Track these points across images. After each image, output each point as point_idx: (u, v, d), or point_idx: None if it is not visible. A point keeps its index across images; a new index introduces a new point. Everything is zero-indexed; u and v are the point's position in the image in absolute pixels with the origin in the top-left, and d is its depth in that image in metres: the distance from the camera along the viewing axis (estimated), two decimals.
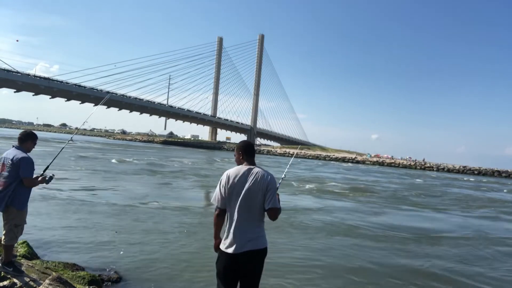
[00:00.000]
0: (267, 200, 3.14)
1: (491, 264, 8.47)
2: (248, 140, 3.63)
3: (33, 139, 4.46)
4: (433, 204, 18.76)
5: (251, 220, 3.15)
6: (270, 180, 3.18)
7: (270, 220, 3.22)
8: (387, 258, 8.12)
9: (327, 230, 10.46)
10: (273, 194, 3.15)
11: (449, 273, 7.39)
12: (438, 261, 8.16)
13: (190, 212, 11.51)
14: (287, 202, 14.33)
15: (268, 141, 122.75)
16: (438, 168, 73.41)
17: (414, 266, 7.65)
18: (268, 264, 3.25)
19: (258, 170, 3.23)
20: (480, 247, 9.91)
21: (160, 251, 7.27)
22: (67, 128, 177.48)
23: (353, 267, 7.26)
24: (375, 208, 15.59)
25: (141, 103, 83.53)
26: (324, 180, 27.79)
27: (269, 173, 3.23)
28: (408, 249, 9.08)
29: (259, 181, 3.16)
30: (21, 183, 4.19)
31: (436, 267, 7.72)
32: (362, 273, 6.94)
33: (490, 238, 11.39)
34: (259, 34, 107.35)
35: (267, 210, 3.15)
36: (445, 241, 10.40)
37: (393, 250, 8.80)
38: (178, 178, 21.27)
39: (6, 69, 61.88)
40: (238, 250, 3.10)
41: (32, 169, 4.26)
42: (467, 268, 7.91)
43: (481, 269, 7.92)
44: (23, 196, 4.23)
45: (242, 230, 3.13)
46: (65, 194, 12.33)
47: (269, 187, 3.15)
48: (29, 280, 4.15)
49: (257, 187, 3.14)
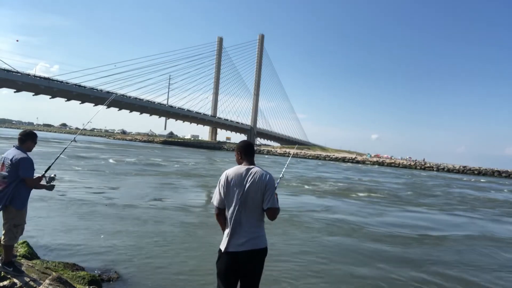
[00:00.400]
0: (265, 200, 3.14)
1: (498, 266, 8.33)
2: (248, 140, 3.62)
3: (33, 138, 4.46)
4: (437, 204, 18.74)
5: (250, 220, 3.15)
6: (269, 180, 3.17)
7: (269, 220, 3.22)
8: (391, 259, 8.06)
9: (329, 230, 10.44)
10: (272, 194, 3.15)
11: (454, 275, 7.30)
12: (442, 263, 8.08)
13: (190, 212, 11.50)
14: (288, 202, 14.33)
15: (268, 141, 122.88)
16: (438, 168, 73.38)
17: (418, 268, 7.55)
18: (271, 266, 3.23)
19: (256, 170, 3.22)
20: (486, 248, 9.84)
21: (160, 251, 7.26)
22: (67, 128, 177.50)
23: (355, 269, 7.23)
24: (378, 208, 15.57)
25: (141, 103, 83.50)
26: (327, 180, 27.78)
27: (267, 173, 3.22)
28: (412, 250, 9.00)
29: (258, 181, 3.15)
30: (20, 183, 4.19)
31: (441, 268, 7.66)
32: (365, 275, 6.91)
33: (496, 238, 11.34)
34: (259, 34, 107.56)
35: (266, 210, 3.16)
36: (450, 242, 10.36)
37: (397, 251, 8.75)
38: (178, 178, 21.27)
39: (6, 69, 61.89)
40: (237, 250, 3.11)
41: (31, 169, 4.25)
42: (473, 271, 7.74)
43: (487, 272, 7.80)
44: (22, 196, 4.23)
45: (242, 230, 3.14)
46: (65, 194, 12.33)
47: (267, 187, 3.15)
48: (29, 280, 4.15)
49: (256, 187, 3.14)
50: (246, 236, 3.12)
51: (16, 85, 65.36)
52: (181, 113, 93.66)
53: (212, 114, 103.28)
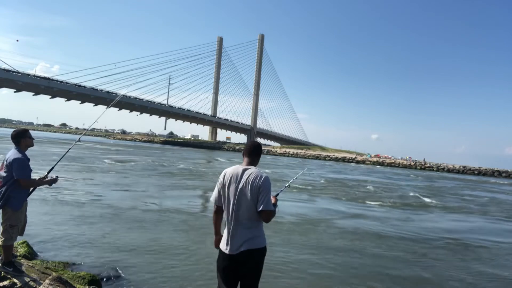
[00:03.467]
0: (259, 201, 3.09)
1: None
2: (257, 142, 3.54)
3: (24, 136, 4.38)
4: (466, 208, 18.06)
5: (247, 220, 3.13)
6: (263, 182, 3.11)
7: (264, 222, 3.18)
8: (419, 268, 7.59)
9: (355, 237, 9.88)
10: (265, 195, 3.09)
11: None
12: (476, 273, 7.65)
13: (190, 213, 11.50)
14: (306, 206, 14.31)
15: (268, 141, 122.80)
16: (438, 168, 73.34)
17: (450, 280, 7.13)
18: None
19: (252, 171, 3.18)
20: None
21: (160, 251, 7.26)
22: (67, 128, 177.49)
23: (379, 278, 6.82)
24: (401, 213, 15.04)
25: (141, 103, 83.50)
26: (343, 182, 27.75)
27: (263, 174, 3.16)
28: (442, 258, 8.55)
29: (252, 182, 3.11)
30: (15, 183, 4.17)
31: (472, 278, 7.27)
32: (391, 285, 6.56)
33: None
34: (259, 34, 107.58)
35: (259, 212, 3.10)
36: (483, 250, 9.73)
37: (425, 260, 8.29)
38: (178, 178, 21.26)
39: (6, 69, 61.87)
40: (234, 251, 3.10)
41: (24, 169, 4.19)
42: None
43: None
44: (18, 196, 4.21)
45: (238, 231, 3.13)
46: (65, 194, 12.32)
47: (261, 188, 3.09)
48: (29, 280, 4.14)
49: (250, 188, 3.11)
50: (243, 237, 3.11)
51: (16, 85, 65.33)
52: (181, 113, 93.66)
53: (212, 114, 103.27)
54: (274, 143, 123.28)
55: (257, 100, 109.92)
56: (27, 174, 4.23)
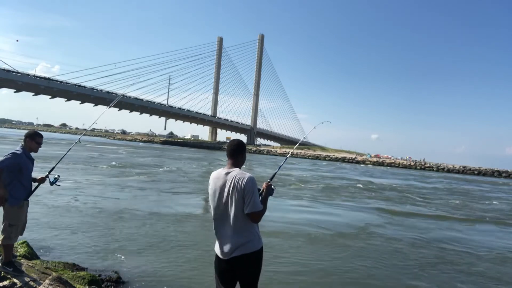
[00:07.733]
0: (245, 204, 3.00)
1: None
2: (236, 139, 3.34)
3: (31, 137, 4.38)
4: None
5: (237, 225, 3.05)
6: (246, 183, 3.00)
7: (253, 223, 3.08)
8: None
9: (376, 249, 8.82)
10: (251, 197, 2.99)
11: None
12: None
13: (190, 215, 11.49)
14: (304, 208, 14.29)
15: (268, 141, 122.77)
16: (438, 168, 73.28)
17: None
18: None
19: (235, 174, 3.07)
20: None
21: (160, 252, 7.26)
22: (67, 128, 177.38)
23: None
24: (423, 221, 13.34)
25: (141, 103, 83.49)
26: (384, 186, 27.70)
27: (245, 176, 3.04)
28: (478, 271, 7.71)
29: (235, 185, 3.02)
30: (15, 180, 4.17)
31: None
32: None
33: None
34: (259, 34, 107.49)
35: (247, 215, 3.02)
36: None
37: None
38: (178, 178, 21.25)
39: (6, 69, 61.89)
40: (227, 256, 3.06)
41: (6, 159, 4.05)
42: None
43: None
44: (17, 193, 4.19)
45: (229, 236, 3.06)
46: (65, 195, 12.32)
47: (245, 191, 2.99)
48: (29, 280, 4.14)
49: (234, 191, 3.02)
50: (234, 242, 3.04)
51: (16, 85, 65.34)
52: (181, 113, 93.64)
53: (212, 114, 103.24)
54: (274, 143, 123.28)
55: (257, 100, 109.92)
56: (2, 165, 4.03)
